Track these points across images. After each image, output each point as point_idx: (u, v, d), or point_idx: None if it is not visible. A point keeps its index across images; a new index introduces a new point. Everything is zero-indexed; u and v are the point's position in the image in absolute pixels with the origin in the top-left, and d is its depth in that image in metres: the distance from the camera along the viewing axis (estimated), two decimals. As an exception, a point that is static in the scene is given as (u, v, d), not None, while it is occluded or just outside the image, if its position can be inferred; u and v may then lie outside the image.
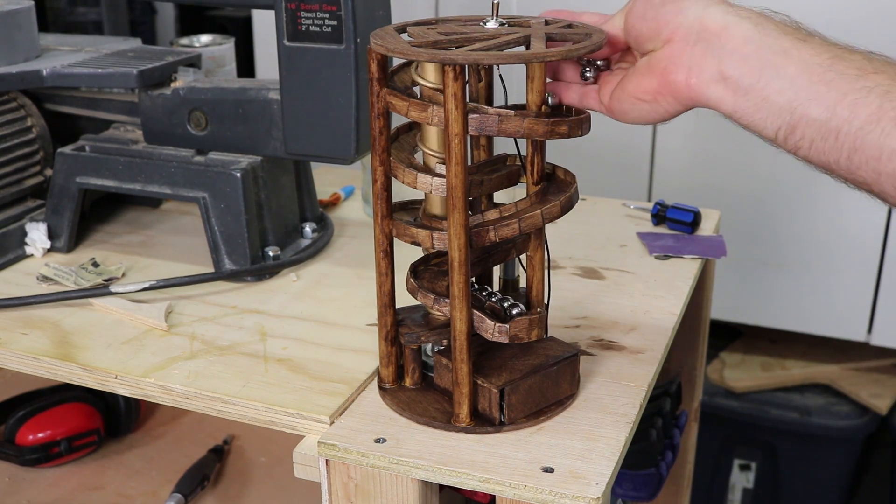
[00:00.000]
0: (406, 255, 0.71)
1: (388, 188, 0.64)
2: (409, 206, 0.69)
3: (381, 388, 0.69)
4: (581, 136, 0.61)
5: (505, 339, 0.63)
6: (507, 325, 0.63)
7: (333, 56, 0.79)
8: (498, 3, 0.63)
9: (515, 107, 0.63)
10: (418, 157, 0.66)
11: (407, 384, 0.69)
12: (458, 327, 0.62)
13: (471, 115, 0.59)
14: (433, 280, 0.67)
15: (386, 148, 0.63)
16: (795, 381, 1.59)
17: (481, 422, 0.65)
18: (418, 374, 0.69)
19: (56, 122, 0.99)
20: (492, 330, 0.63)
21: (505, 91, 0.67)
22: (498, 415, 0.64)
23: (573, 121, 0.61)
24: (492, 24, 0.62)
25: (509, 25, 0.64)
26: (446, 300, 0.64)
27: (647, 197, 1.51)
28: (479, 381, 0.64)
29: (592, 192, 1.11)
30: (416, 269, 0.68)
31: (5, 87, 0.91)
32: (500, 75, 0.65)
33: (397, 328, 0.67)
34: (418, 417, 0.66)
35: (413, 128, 0.68)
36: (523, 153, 0.64)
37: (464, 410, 0.64)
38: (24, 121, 0.96)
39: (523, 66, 0.60)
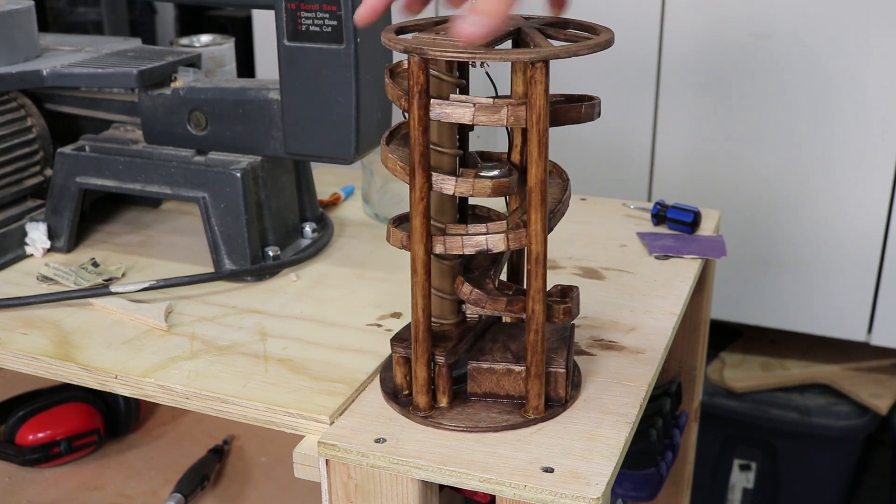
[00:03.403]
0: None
1: (429, 205, 0.61)
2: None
3: (415, 416, 0.66)
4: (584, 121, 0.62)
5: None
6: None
7: (333, 56, 0.79)
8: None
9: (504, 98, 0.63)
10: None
11: (443, 404, 0.66)
12: (538, 319, 0.62)
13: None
14: (478, 285, 0.65)
15: (426, 165, 0.60)
16: (795, 381, 1.59)
17: (550, 405, 0.66)
18: (451, 390, 0.67)
19: (56, 122, 0.99)
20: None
21: (493, 84, 0.66)
22: (564, 393, 0.66)
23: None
24: None
25: None
26: (520, 297, 0.63)
27: (647, 197, 1.51)
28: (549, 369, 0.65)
29: (592, 192, 1.11)
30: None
31: (5, 87, 0.91)
32: (487, 71, 0.65)
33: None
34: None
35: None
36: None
37: (541, 401, 0.65)
38: (24, 121, 0.96)
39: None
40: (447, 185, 0.60)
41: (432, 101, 0.58)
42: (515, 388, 0.66)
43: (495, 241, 0.61)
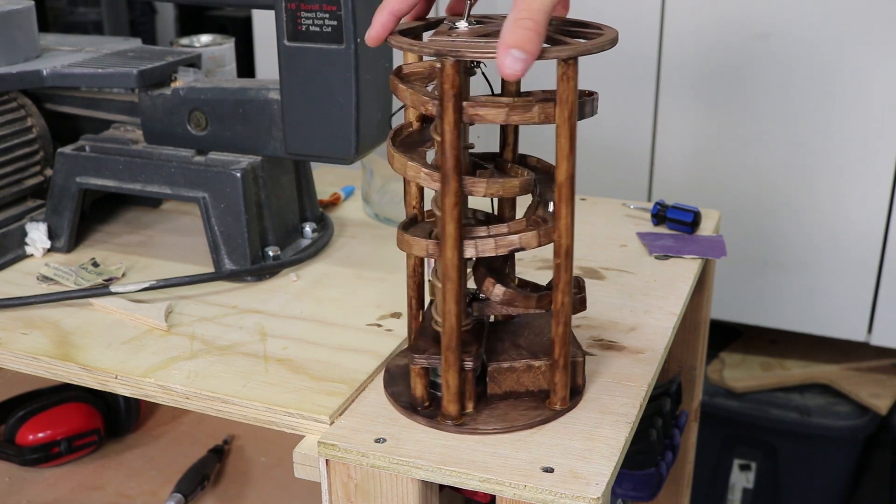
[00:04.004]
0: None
1: (461, 210, 0.61)
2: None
3: (446, 425, 0.65)
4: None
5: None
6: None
7: (333, 56, 0.79)
8: (471, 3, 0.62)
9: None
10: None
11: (469, 410, 0.66)
12: (567, 311, 0.63)
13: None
14: (506, 285, 0.65)
15: (460, 170, 0.59)
16: (795, 381, 1.59)
17: (573, 395, 0.67)
18: (476, 394, 0.67)
19: (56, 122, 0.99)
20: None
21: (490, 84, 0.66)
22: (582, 381, 0.68)
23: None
24: (462, 24, 0.61)
25: (477, 23, 0.63)
26: (546, 292, 0.64)
27: (647, 197, 1.51)
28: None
29: (592, 192, 1.11)
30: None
31: (5, 87, 0.91)
32: (483, 71, 0.65)
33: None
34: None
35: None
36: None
37: (567, 391, 0.66)
38: (24, 121, 0.96)
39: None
40: (478, 187, 0.60)
41: (464, 103, 0.58)
42: (535, 383, 0.67)
43: (528, 239, 0.61)
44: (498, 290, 0.64)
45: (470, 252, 0.61)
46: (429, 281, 0.70)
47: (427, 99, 0.59)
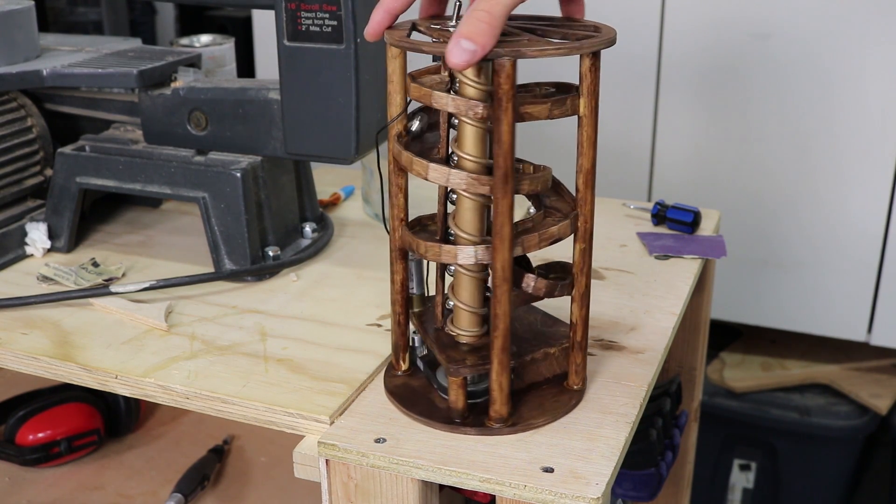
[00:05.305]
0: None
1: (511, 217, 0.60)
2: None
3: (498, 429, 0.64)
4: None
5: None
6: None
7: (333, 56, 0.79)
8: (459, 4, 0.63)
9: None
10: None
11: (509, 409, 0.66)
12: (588, 294, 0.65)
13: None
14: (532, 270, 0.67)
15: (511, 170, 0.59)
16: (795, 381, 1.59)
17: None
18: None
19: (56, 122, 0.99)
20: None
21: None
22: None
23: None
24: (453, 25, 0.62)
25: None
26: (569, 279, 0.65)
27: (647, 197, 1.51)
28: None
29: (592, 192, 1.11)
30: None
31: (5, 87, 0.91)
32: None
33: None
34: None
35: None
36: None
37: (585, 371, 0.68)
38: (24, 121, 0.96)
39: None
40: (523, 185, 0.62)
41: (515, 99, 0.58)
42: (550, 370, 0.68)
43: (564, 229, 0.63)
44: (540, 284, 0.64)
45: (518, 251, 0.61)
46: (411, 293, 0.70)
47: (477, 102, 0.59)
